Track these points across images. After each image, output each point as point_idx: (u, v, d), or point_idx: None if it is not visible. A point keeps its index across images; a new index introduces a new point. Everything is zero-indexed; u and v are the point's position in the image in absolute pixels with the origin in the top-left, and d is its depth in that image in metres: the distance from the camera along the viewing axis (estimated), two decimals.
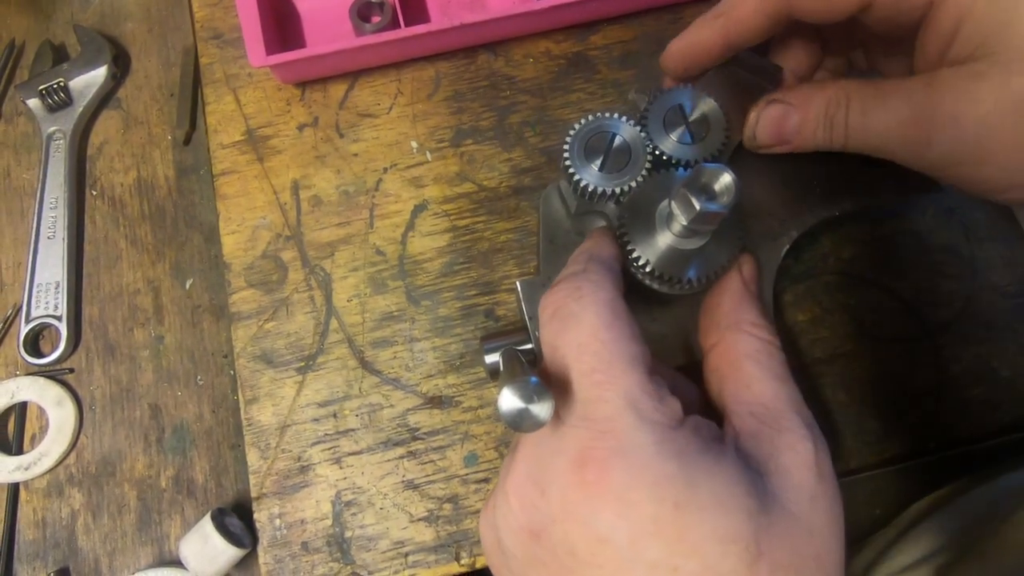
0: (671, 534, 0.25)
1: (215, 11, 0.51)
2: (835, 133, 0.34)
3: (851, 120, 0.33)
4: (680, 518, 0.25)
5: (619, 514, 0.25)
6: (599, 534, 0.25)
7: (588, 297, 0.29)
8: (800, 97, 0.35)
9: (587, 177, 0.36)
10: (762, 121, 0.36)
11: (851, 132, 0.33)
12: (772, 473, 0.27)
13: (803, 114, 0.35)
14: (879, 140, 0.33)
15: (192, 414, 0.48)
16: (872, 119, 0.33)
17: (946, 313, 0.45)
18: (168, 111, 0.54)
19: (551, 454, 0.27)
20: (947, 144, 0.31)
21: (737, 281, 0.35)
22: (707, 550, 0.24)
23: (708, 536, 0.24)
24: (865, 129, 0.33)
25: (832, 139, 0.34)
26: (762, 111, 0.36)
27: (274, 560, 0.42)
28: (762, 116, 0.36)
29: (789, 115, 0.35)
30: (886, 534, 0.49)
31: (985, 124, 0.29)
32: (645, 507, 0.25)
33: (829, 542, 0.26)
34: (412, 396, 0.44)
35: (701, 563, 0.24)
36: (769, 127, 0.36)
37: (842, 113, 0.34)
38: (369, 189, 0.47)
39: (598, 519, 0.25)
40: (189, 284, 0.51)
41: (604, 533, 0.25)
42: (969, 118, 0.30)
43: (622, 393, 0.27)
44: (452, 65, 0.50)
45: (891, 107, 0.32)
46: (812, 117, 0.35)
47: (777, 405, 0.30)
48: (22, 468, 0.47)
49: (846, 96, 0.34)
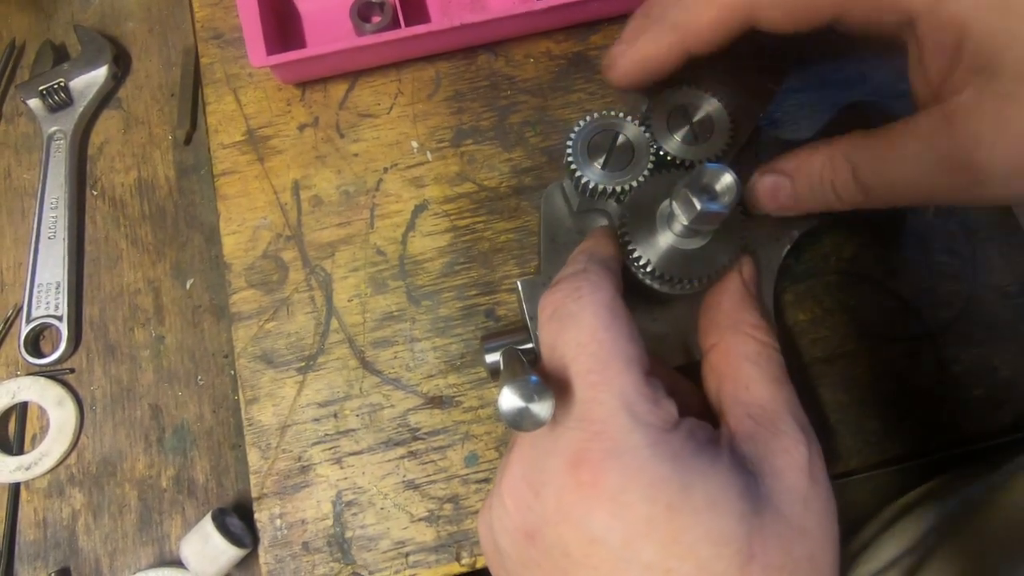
0: (664, 536, 0.25)
1: (216, 11, 0.51)
2: (846, 196, 0.32)
3: (864, 179, 0.31)
4: (673, 520, 0.25)
5: (613, 515, 0.25)
6: (593, 535, 0.25)
7: (587, 298, 0.29)
8: (792, 166, 0.34)
9: (589, 175, 0.36)
10: (757, 192, 0.36)
11: (872, 191, 0.31)
12: (766, 475, 0.27)
13: (797, 184, 0.34)
14: (910, 191, 0.30)
15: (193, 414, 0.48)
16: (893, 173, 0.30)
17: (947, 313, 0.45)
18: (169, 111, 0.54)
19: (546, 455, 0.27)
20: (1001, 176, 0.27)
21: (737, 282, 0.35)
22: (700, 552, 0.25)
23: (701, 538, 0.25)
24: (889, 185, 0.31)
25: (844, 201, 0.32)
26: (756, 182, 0.36)
27: (275, 560, 0.42)
28: (756, 188, 0.36)
29: (781, 187, 0.35)
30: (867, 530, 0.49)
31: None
32: (639, 509, 0.25)
33: (822, 543, 0.27)
34: (413, 396, 0.44)
35: (694, 564, 0.24)
36: (765, 198, 0.36)
37: (845, 175, 0.32)
38: (369, 189, 0.47)
39: (592, 520, 0.25)
40: (190, 284, 0.51)
41: (598, 534, 0.25)
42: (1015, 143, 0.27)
43: (617, 395, 0.27)
44: (452, 65, 0.50)
45: (912, 155, 0.29)
46: (806, 187, 0.33)
47: (774, 408, 0.30)
48: (23, 468, 0.47)
49: (844, 158, 0.32)
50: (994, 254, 0.45)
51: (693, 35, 0.33)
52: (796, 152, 0.35)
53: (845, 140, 0.32)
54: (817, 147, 0.34)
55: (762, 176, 0.36)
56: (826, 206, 0.33)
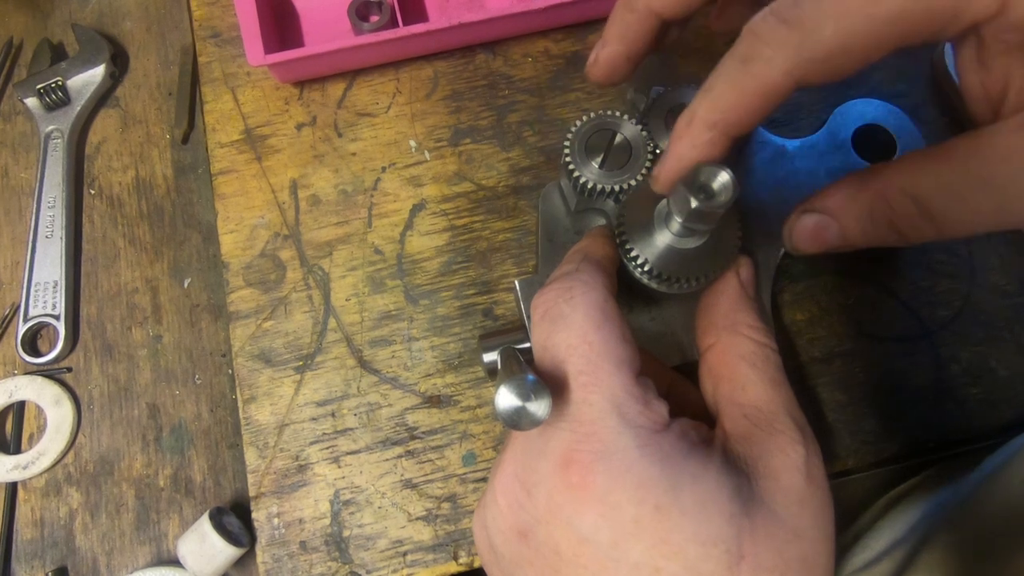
0: (653, 536, 0.25)
1: (213, 10, 0.51)
2: (912, 232, 0.28)
3: (938, 211, 0.27)
4: (661, 520, 0.25)
5: (602, 515, 0.25)
6: (582, 535, 0.26)
7: (579, 298, 0.29)
8: (835, 204, 0.31)
9: (587, 174, 0.36)
10: (797, 236, 0.32)
11: (947, 224, 0.27)
12: (760, 476, 0.27)
13: (844, 223, 0.30)
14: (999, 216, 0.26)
15: (190, 413, 0.48)
16: (976, 199, 0.26)
17: (944, 312, 0.45)
18: (166, 110, 0.54)
19: (537, 455, 0.27)
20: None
21: (734, 283, 0.35)
22: (689, 552, 0.25)
23: (690, 538, 0.25)
24: (973, 214, 0.26)
25: (909, 238, 0.29)
26: (794, 225, 0.32)
27: (272, 559, 0.42)
28: (795, 231, 0.32)
29: (826, 227, 0.31)
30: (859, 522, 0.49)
31: None
32: (627, 509, 0.25)
33: (817, 545, 0.27)
34: (410, 395, 0.44)
35: (682, 564, 0.25)
36: (809, 240, 0.32)
37: (907, 210, 0.28)
38: (367, 188, 0.47)
39: (581, 520, 0.26)
40: (187, 283, 0.51)
41: (587, 534, 0.26)
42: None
43: (607, 396, 0.27)
44: (450, 64, 0.50)
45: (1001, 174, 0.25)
46: (856, 227, 0.30)
47: (770, 408, 0.30)
48: (20, 467, 0.47)
49: (901, 192, 0.28)
50: (992, 253, 0.45)
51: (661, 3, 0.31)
52: (837, 186, 0.31)
53: (898, 170, 0.28)
54: (864, 180, 0.30)
55: (800, 216, 0.32)
56: (884, 243, 0.30)
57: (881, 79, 0.48)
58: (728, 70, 0.28)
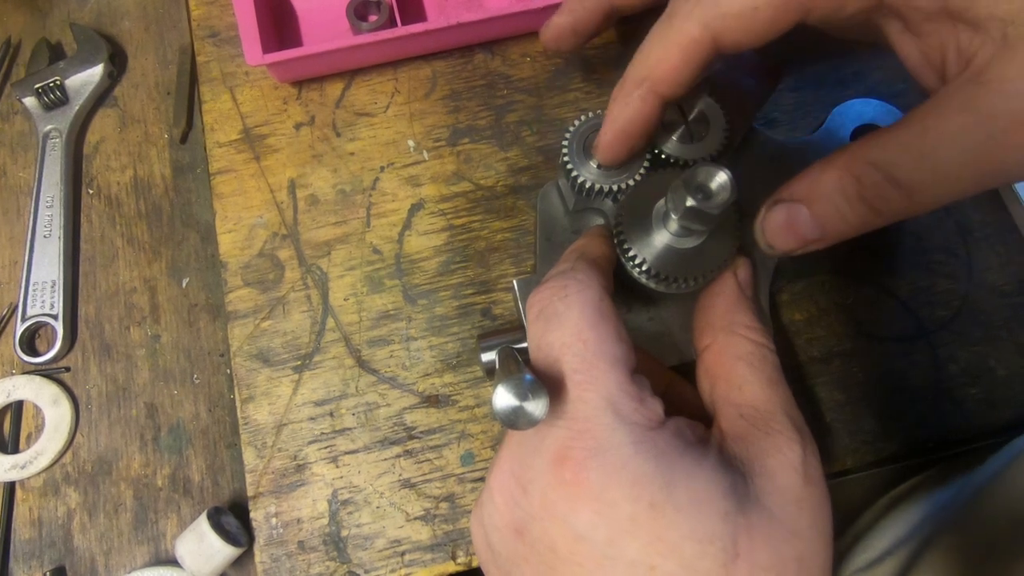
0: (648, 533, 0.25)
1: (212, 9, 0.51)
2: (886, 207, 0.27)
3: (906, 178, 0.26)
4: (657, 518, 0.25)
5: (597, 513, 0.25)
6: (577, 532, 0.26)
7: (573, 296, 0.29)
8: (803, 188, 0.29)
9: (585, 174, 0.36)
10: (769, 231, 0.31)
11: (917, 191, 0.27)
12: (757, 475, 0.27)
13: (816, 210, 0.29)
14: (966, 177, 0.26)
15: (188, 413, 0.48)
16: (940, 161, 0.26)
17: (943, 312, 0.45)
18: (165, 110, 0.54)
19: (533, 452, 0.27)
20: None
21: (732, 283, 0.35)
22: (684, 549, 0.25)
23: (685, 536, 0.25)
24: (940, 177, 0.26)
25: (884, 214, 0.28)
26: (764, 220, 0.31)
27: (270, 559, 0.42)
28: (766, 227, 0.31)
29: (797, 214, 0.29)
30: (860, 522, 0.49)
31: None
32: (622, 507, 0.25)
33: (814, 544, 0.27)
34: (409, 395, 0.44)
35: (678, 562, 0.25)
36: (782, 235, 0.30)
37: (876, 182, 0.27)
38: (366, 188, 0.47)
39: (577, 518, 0.26)
40: (185, 283, 0.51)
41: (582, 531, 0.26)
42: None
43: (602, 393, 0.27)
44: (449, 64, 0.50)
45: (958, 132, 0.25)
46: (829, 210, 0.29)
47: (767, 408, 0.30)
48: (18, 467, 0.47)
49: (868, 164, 0.27)
50: (990, 253, 0.45)
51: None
52: (803, 174, 0.30)
53: (861, 144, 0.28)
54: (829, 160, 0.29)
55: (770, 210, 0.30)
56: (862, 226, 0.28)
57: (880, 79, 0.48)
58: (654, 28, 0.31)
